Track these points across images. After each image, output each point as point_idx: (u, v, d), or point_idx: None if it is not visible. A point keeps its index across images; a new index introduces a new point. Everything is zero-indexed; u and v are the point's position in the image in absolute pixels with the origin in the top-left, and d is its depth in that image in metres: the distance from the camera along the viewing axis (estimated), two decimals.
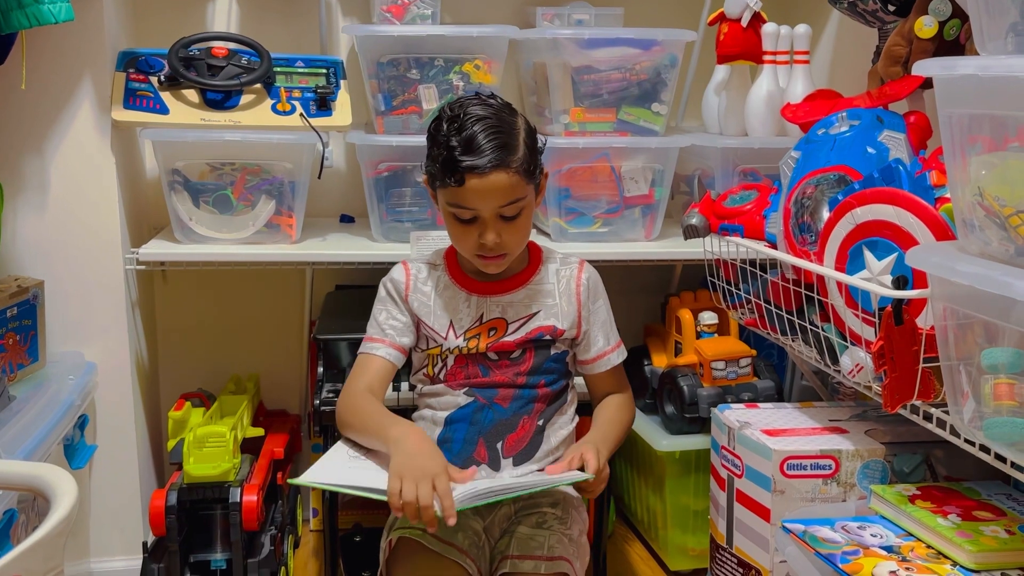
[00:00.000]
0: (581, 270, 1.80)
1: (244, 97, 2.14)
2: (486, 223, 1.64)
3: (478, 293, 1.75)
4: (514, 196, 1.62)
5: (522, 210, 1.65)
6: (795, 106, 2.04)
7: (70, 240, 2.10)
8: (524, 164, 1.62)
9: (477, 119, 1.60)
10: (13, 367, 1.94)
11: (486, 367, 1.73)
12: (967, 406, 1.33)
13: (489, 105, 1.65)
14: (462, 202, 1.62)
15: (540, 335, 1.74)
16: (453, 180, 1.60)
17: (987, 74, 1.18)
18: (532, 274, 1.77)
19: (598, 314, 1.79)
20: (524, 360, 1.74)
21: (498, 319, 1.74)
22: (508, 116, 1.65)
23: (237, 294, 2.54)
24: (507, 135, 1.61)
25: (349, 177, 2.52)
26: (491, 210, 1.62)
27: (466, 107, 1.63)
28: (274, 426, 2.36)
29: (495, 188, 1.60)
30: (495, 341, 1.72)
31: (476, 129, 1.59)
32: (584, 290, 1.78)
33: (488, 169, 1.58)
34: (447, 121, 1.63)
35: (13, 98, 2.00)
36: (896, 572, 1.39)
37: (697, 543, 2.25)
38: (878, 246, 1.50)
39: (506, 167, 1.60)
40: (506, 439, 1.71)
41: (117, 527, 2.19)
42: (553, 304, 1.76)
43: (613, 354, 1.80)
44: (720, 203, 1.95)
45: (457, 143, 1.59)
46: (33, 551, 1.00)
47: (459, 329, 1.73)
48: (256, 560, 1.98)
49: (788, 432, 1.74)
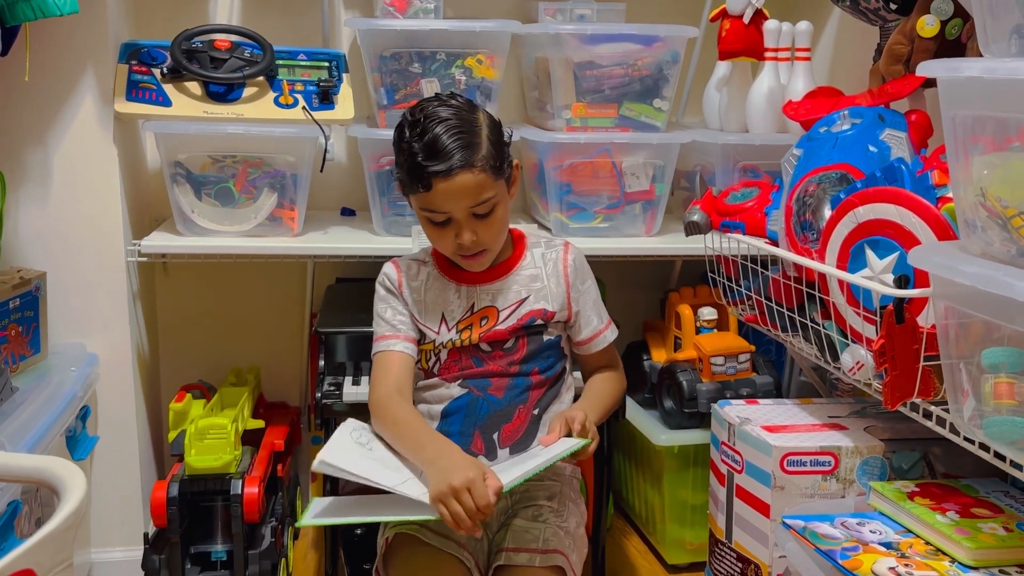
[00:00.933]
0: (567, 251, 1.80)
1: (247, 90, 2.14)
2: (460, 224, 1.64)
3: (467, 283, 1.76)
4: (483, 195, 1.63)
5: (495, 206, 1.65)
6: (797, 103, 2.05)
7: (72, 232, 2.10)
8: (490, 161, 1.62)
9: (438, 120, 1.60)
10: (15, 358, 1.95)
11: (479, 358, 1.74)
12: (967, 404, 1.34)
13: (449, 106, 1.64)
14: (433, 206, 1.63)
15: (532, 320, 1.74)
16: (421, 186, 1.60)
17: (992, 77, 1.19)
18: (518, 260, 1.78)
19: (588, 294, 1.80)
20: (517, 349, 1.74)
21: (489, 307, 1.75)
22: (468, 114, 1.64)
23: (238, 286, 2.54)
24: (469, 134, 1.61)
25: (350, 170, 2.52)
26: (463, 211, 1.62)
27: (426, 110, 1.63)
28: (274, 418, 2.37)
29: (463, 189, 1.60)
30: (487, 331, 1.73)
31: (438, 132, 1.59)
32: (572, 270, 1.78)
33: (453, 171, 1.58)
34: (408, 127, 1.63)
35: (16, 90, 2.00)
36: (895, 568, 1.40)
37: (695, 537, 2.26)
38: (880, 245, 1.51)
39: (471, 167, 1.59)
40: (502, 429, 1.72)
41: (118, 518, 2.20)
42: (542, 287, 1.76)
43: (607, 332, 1.82)
44: (722, 200, 1.96)
45: (420, 148, 1.59)
46: (43, 545, 1.00)
47: (451, 321, 1.74)
48: (257, 552, 1.99)
49: (788, 428, 1.76)
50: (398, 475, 1.58)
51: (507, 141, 1.70)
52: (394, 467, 1.61)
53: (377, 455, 1.65)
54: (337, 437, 1.68)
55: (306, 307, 2.50)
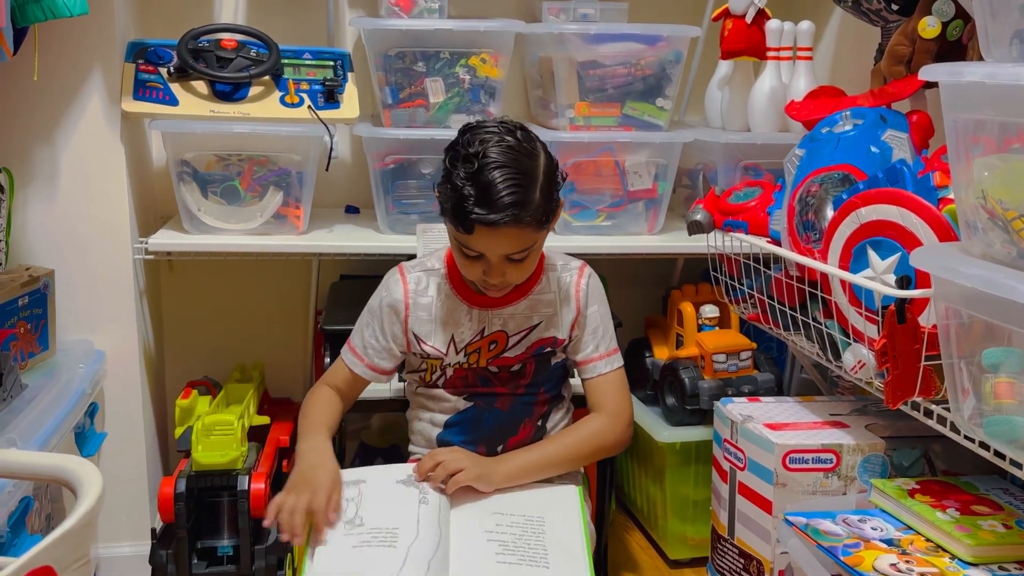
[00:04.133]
0: (581, 275, 1.77)
1: (253, 89, 2.16)
2: (491, 264, 1.60)
3: (479, 306, 1.73)
4: (523, 245, 1.59)
5: (530, 253, 1.62)
6: (799, 103, 2.06)
7: (80, 230, 2.12)
8: (538, 215, 1.56)
9: (495, 166, 1.52)
10: (24, 355, 1.96)
11: (486, 379, 1.73)
12: (967, 403, 1.35)
13: (509, 147, 1.55)
14: (471, 244, 1.58)
15: (540, 348, 1.73)
16: (462, 227, 1.55)
17: (993, 82, 1.21)
18: (534, 284, 1.75)
19: (592, 319, 1.76)
20: (525, 373, 1.74)
21: (499, 332, 1.72)
22: (528, 160, 1.57)
23: (243, 284, 2.56)
24: (524, 187, 1.54)
25: (355, 169, 2.53)
26: (498, 256, 1.59)
27: (485, 147, 1.54)
28: (279, 414, 2.38)
29: (505, 240, 1.56)
30: (495, 356, 1.71)
31: (492, 178, 1.51)
32: (583, 295, 1.75)
33: (500, 224, 1.53)
34: (462, 161, 1.55)
35: (25, 89, 2.02)
36: (896, 565, 1.42)
37: (696, 533, 2.28)
38: (882, 246, 1.53)
39: (518, 222, 1.54)
40: (507, 442, 1.73)
41: (125, 513, 2.22)
42: (553, 314, 1.74)
43: (600, 362, 1.76)
44: (724, 199, 1.97)
45: (471, 192, 1.52)
46: (62, 541, 1.02)
47: (459, 344, 1.72)
48: (263, 547, 2.00)
49: (790, 426, 1.77)
50: (395, 554, 1.48)
51: (559, 184, 1.63)
52: (389, 540, 1.51)
53: (368, 526, 1.53)
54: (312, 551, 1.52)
55: (311, 304, 2.51)
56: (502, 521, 1.58)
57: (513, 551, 1.52)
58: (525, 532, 1.56)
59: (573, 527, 1.59)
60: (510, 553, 1.51)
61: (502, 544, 1.53)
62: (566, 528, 1.59)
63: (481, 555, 1.51)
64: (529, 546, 1.53)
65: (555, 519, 1.60)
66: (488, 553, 1.51)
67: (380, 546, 1.50)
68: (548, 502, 1.64)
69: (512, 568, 1.49)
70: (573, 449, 1.71)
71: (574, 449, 1.71)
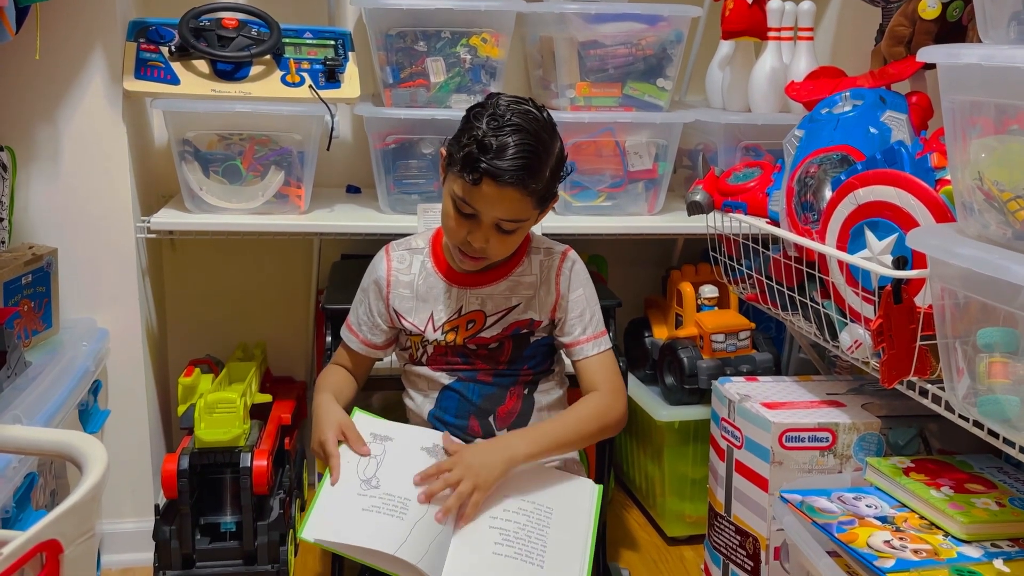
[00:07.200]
0: (563, 260, 1.77)
1: (254, 68, 2.16)
2: (481, 226, 1.62)
3: (459, 284, 1.75)
4: (519, 215, 1.61)
5: (519, 228, 1.65)
6: (799, 84, 2.07)
7: (82, 208, 2.12)
8: (540, 191, 1.60)
9: (517, 129, 1.56)
10: (28, 333, 1.98)
11: (466, 356, 1.75)
12: (962, 383, 1.37)
13: (535, 120, 1.60)
14: (469, 199, 1.59)
15: (517, 330, 1.74)
16: (470, 176, 1.56)
17: (990, 64, 1.21)
18: (515, 266, 1.76)
19: (576, 303, 1.76)
20: (503, 351, 1.75)
21: (476, 311, 1.74)
22: (547, 138, 1.61)
23: (245, 263, 2.57)
24: (538, 158, 1.58)
25: (356, 148, 2.54)
26: (492, 218, 1.61)
27: (513, 111, 1.59)
28: (281, 392, 2.40)
29: (505, 201, 1.58)
30: (472, 335, 1.73)
31: (512, 140, 1.55)
32: (564, 279, 1.75)
33: (507, 182, 1.55)
34: (488, 117, 1.58)
35: (27, 69, 2.02)
36: (890, 542, 1.44)
37: (694, 510, 2.30)
38: (879, 226, 1.54)
39: (523, 187, 1.57)
40: (497, 412, 1.74)
41: (129, 489, 2.24)
42: (532, 296, 1.75)
43: (588, 344, 1.75)
44: (724, 180, 1.98)
45: (491, 143, 1.55)
46: (68, 515, 1.04)
47: (437, 322, 1.74)
48: (265, 523, 2.03)
49: (787, 405, 1.79)
50: (401, 527, 1.48)
51: (564, 175, 1.67)
52: (399, 510, 1.51)
53: (383, 490, 1.54)
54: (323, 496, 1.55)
55: (312, 283, 2.52)
56: (510, 506, 1.57)
57: (512, 543, 1.52)
58: (530, 522, 1.56)
59: (580, 526, 1.58)
60: (508, 545, 1.51)
61: (503, 533, 1.53)
62: (573, 526, 1.58)
63: (479, 542, 1.51)
64: (530, 539, 1.53)
65: (564, 514, 1.59)
66: (487, 541, 1.52)
67: (388, 515, 1.50)
68: (563, 494, 1.62)
69: (506, 561, 1.49)
70: (578, 428, 1.69)
71: (580, 428, 1.69)
